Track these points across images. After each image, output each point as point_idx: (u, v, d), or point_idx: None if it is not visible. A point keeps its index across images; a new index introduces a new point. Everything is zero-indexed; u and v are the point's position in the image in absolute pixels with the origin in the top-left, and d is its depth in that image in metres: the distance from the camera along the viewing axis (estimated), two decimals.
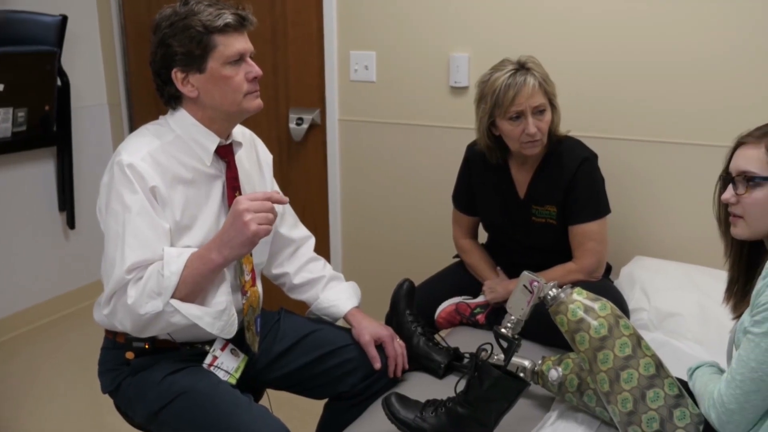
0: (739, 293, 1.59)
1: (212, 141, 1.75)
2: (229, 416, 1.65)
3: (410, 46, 2.90)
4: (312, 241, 2.11)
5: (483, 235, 2.51)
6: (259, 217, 1.58)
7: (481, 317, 2.30)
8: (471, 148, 2.38)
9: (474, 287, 2.38)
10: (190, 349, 1.79)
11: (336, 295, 2.02)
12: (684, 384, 1.56)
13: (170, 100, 1.75)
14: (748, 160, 1.45)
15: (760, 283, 1.38)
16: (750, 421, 1.38)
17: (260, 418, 1.66)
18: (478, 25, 2.75)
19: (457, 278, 2.44)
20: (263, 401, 2.00)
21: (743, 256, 1.57)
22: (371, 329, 1.94)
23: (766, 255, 1.44)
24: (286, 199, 1.69)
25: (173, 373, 1.73)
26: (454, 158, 2.45)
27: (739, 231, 1.49)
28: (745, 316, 1.42)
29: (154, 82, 1.75)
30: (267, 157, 2.01)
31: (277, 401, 2.06)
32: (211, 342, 1.80)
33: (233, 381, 1.79)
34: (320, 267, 2.06)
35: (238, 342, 1.84)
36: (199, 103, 1.73)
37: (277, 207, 1.81)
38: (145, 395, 1.74)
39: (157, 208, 1.66)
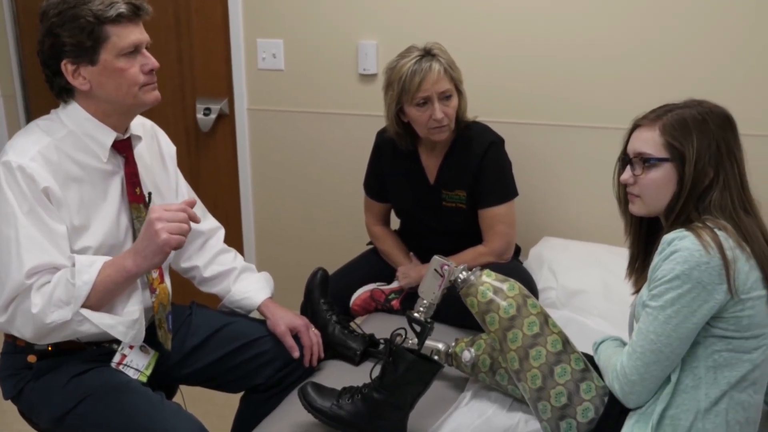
0: (639, 269, 1.65)
1: (108, 136, 1.68)
2: (140, 416, 1.60)
3: (318, 34, 2.88)
4: (222, 232, 2.07)
5: (395, 222, 2.53)
6: (171, 227, 1.53)
7: (395, 303, 2.32)
8: (381, 135, 2.39)
9: (388, 273, 2.40)
10: (97, 349, 1.73)
11: (248, 286, 1.99)
12: (590, 358, 1.62)
13: (61, 92, 1.67)
14: (644, 142, 1.51)
15: (656, 258, 1.44)
16: (651, 390, 1.44)
17: (173, 415, 1.63)
18: (386, 12, 2.75)
19: (371, 265, 2.45)
20: (177, 398, 1.95)
21: (642, 233, 1.64)
22: (286, 319, 1.92)
23: (663, 231, 1.50)
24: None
25: (79, 374, 1.67)
26: (365, 145, 2.46)
27: (637, 209, 1.55)
28: (644, 291, 1.48)
29: (43, 73, 1.66)
30: (170, 149, 1.95)
31: (193, 397, 2.03)
32: (119, 341, 1.73)
33: (144, 379, 1.74)
34: (231, 259, 2.03)
35: (148, 339, 1.78)
36: (92, 97, 1.65)
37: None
38: (50, 399, 1.67)
39: (52, 210, 1.58)
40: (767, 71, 2.37)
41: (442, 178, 2.29)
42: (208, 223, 2.04)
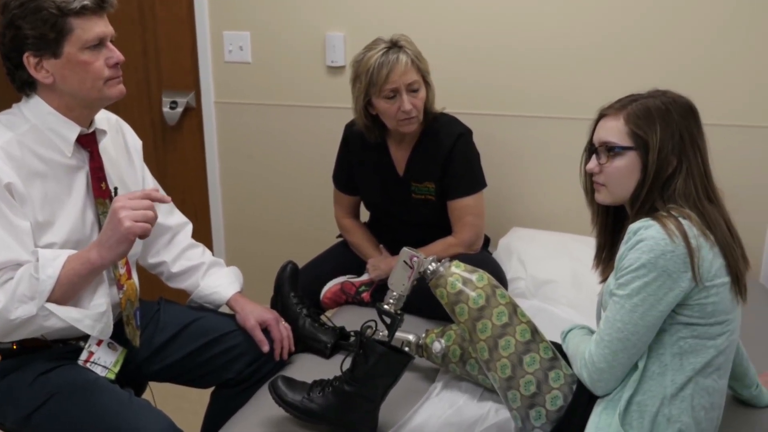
0: (606, 258, 1.67)
1: (72, 130, 1.65)
2: (109, 413, 1.58)
3: (285, 25, 2.86)
4: (189, 227, 2.05)
5: (365, 214, 2.53)
6: (136, 215, 1.50)
7: (366, 295, 2.32)
8: (349, 128, 2.38)
9: (358, 266, 2.40)
10: (63, 347, 1.71)
11: (217, 281, 1.97)
12: (558, 347, 1.63)
13: (23, 86, 1.63)
14: (609, 131, 1.52)
15: (622, 248, 1.45)
16: (618, 378, 1.46)
17: (142, 412, 1.61)
18: (353, 4, 2.74)
19: (341, 258, 2.45)
20: (146, 395, 1.94)
21: (608, 223, 1.65)
22: (255, 313, 1.91)
23: (629, 221, 1.52)
24: (168, 198, 1.61)
25: (46, 372, 1.65)
26: (334, 138, 2.45)
27: (602, 197, 1.57)
28: (611, 279, 1.50)
29: (4, 66, 1.62)
30: (136, 143, 1.93)
31: (163, 393, 2.01)
32: (85, 338, 1.71)
33: (112, 376, 1.72)
34: (199, 253, 2.01)
35: (116, 336, 1.76)
36: (55, 90, 1.62)
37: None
38: (15, 398, 1.64)
39: (15, 207, 1.55)
40: (732, 63, 2.41)
41: (411, 170, 2.29)
42: (176, 218, 2.02)
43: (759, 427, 1.66)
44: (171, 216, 2.00)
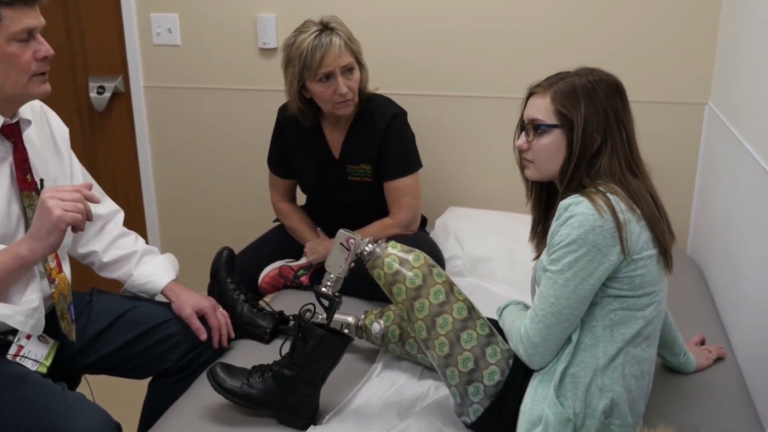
0: (541, 232, 1.70)
1: None
2: (41, 409, 1.54)
3: (215, 7, 2.80)
4: (121, 215, 1.99)
5: (301, 197, 2.51)
6: (66, 204, 1.47)
7: (305, 279, 2.32)
8: (283, 111, 2.35)
9: (296, 250, 2.38)
10: None
11: (151, 269, 1.93)
12: (495, 323, 1.66)
13: None
14: (536, 109, 1.55)
15: (554, 224, 1.48)
16: (553, 352, 1.50)
17: (76, 406, 1.57)
18: None
19: (279, 242, 2.43)
20: (83, 388, 1.89)
21: (542, 198, 1.68)
22: (192, 301, 1.89)
23: (559, 196, 1.55)
24: (97, 198, 1.57)
25: None
26: (267, 121, 2.42)
27: (530, 173, 1.60)
28: (544, 256, 1.53)
29: None
30: (62, 132, 1.86)
31: (99, 386, 1.97)
32: (14, 332, 1.65)
33: (44, 370, 1.67)
34: (131, 242, 1.96)
35: (49, 330, 1.71)
36: None
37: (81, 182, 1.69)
38: None
39: None
40: (661, 42, 2.47)
41: (346, 153, 2.28)
42: (106, 206, 1.96)
43: (687, 391, 1.73)
44: (101, 204, 1.93)
